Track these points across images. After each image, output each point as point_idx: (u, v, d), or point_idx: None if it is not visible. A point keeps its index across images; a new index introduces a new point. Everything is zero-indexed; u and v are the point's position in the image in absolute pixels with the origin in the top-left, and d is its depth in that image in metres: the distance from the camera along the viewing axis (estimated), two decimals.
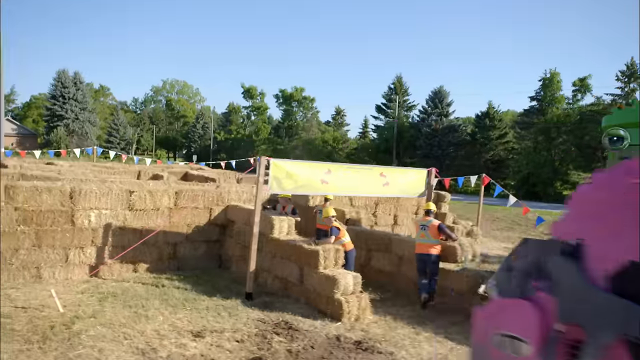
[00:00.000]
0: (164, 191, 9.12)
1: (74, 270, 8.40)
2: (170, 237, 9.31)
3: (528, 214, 15.52)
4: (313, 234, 10.28)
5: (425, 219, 8.93)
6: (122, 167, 17.87)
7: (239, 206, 9.73)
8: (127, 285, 8.22)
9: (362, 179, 9.06)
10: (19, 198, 7.81)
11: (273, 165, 8.07)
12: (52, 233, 8.11)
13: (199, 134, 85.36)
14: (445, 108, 52.84)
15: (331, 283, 7.49)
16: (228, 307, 7.54)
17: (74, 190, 8.22)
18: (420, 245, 8.81)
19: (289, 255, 8.36)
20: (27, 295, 7.28)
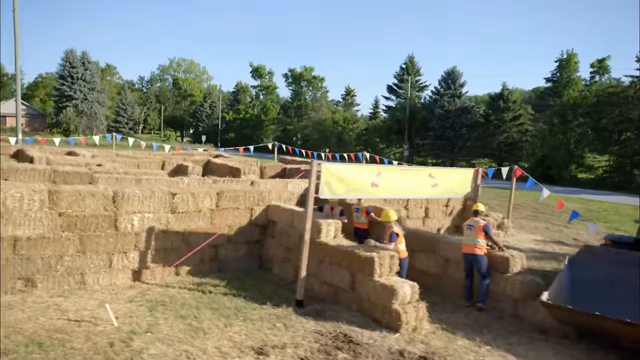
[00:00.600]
0: (206, 193, 8.84)
1: (118, 275, 8.18)
2: (213, 239, 9.04)
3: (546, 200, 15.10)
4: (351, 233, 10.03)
5: (472, 219, 8.79)
6: (145, 157, 17.55)
7: (280, 206, 9.45)
8: (173, 292, 8.00)
9: (412, 181, 8.78)
10: (63, 203, 7.54)
11: (324, 170, 7.76)
12: (96, 238, 7.86)
13: (206, 113, 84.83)
14: (458, 89, 52.08)
15: (388, 293, 7.25)
16: (281, 317, 7.32)
17: (117, 194, 7.94)
18: (466, 245, 8.66)
19: (339, 261, 8.10)
20: (76, 305, 7.06)
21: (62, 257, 7.64)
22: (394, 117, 55.19)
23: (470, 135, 49.50)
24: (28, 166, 10.81)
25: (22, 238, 7.29)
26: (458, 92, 51.83)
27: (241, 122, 74.32)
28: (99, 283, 8.01)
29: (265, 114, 72.73)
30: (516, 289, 8.32)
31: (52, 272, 7.59)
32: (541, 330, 7.80)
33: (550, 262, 12.40)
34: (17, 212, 7.22)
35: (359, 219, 10.22)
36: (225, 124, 79.25)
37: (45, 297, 7.36)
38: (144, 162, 15.92)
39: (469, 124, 49.58)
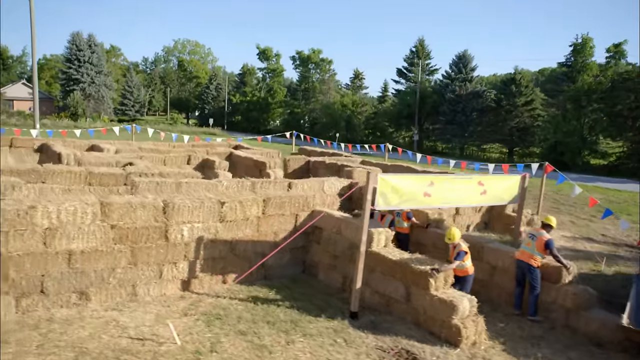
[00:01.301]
0: (253, 200, 8.70)
1: (167, 285, 8.10)
2: (259, 246, 8.95)
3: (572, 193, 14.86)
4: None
5: (537, 229, 8.65)
6: (168, 150, 17.40)
7: (326, 212, 9.31)
8: (225, 303, 7.92)
9: (462, 190, 8.64)
10: (114, 215, 7.41)
11: (381, 181, 7.61)
12: (146, 250, 7.75)
13: (212, 96, 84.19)
14: (469, 73, 51.46)
15: (448, 308, 7.16)
16: (339, 331, 7.25)
17: (167, 205, 7.80)
18: (523, 252, 8.54)
19: (392, 272, 8.00)
20: (134, 321, 6.98)
21: (115, 270, 7.55)
22: (404, 102, 54.68)
23: (481, 120, 49.04)
24: (64, 168, 10.68)
25: (76, 252, 7.19)
26: (469, 76, 51.22)
27: (248, 104, 73.75)
28: (150, 294, 7.93)
29: (272, 97, 72.11)
30: (568, 299, 8.23)
31: (104, 285, 7.51)
32: (597, 343, 7.74)
33: (587, 263, 12.28)
34: (71, 225, 7.10)
35: (400, 224, 10.10)
36: (232, 106, 78.70)
37: (100, 310, 7.29)
38: (169, 158, 15.76)
39: (480, 108, 49.08)
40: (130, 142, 19.94)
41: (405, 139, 58.13)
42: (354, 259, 8.73)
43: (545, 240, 8.30)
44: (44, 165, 10.63)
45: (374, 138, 60.85)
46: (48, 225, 6.94)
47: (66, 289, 7.22)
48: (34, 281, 6.98)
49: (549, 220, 8.69)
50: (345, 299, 8.61)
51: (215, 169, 15.42)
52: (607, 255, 12.91)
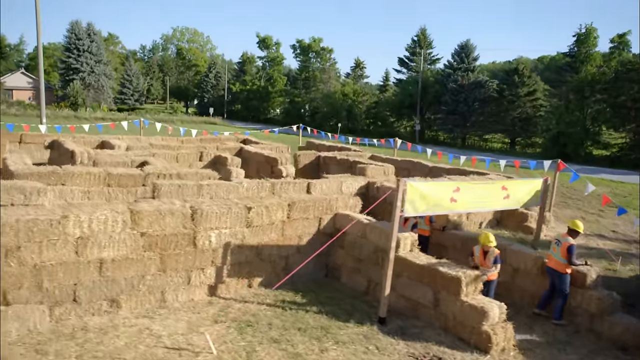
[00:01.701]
0: (278, 204, 8.71)
1: (195, 291, 8.13)
2: (283, 250, 8.98)
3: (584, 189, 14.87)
4: None
5: (564, 235, 8.68)
6: (179, 146, 17.35)
7: (350, 215, 9.33)
8: (253, 309, 7.96)
9: (486, 195, 8.67)
10: (144, 223, 7.41)
11: (410, 188, 7.62)
12: (175, 256, 7.77)
13: (211, 84, 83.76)
14: (471, 63, 51.26)
15: (478, 314, 7.22)
16: (369, 337, 7.31)
17: (196, 212, 7.81)
18: (551, 259, 8.63)
19: (420, 277, 8.04)
20: (167, 329, 7.01)
21: (144, 277, 7.57)
22: (405, 91, 54.49)
23: (483, 110, 48.98)
24: (83, 170, 10.64)
25: (107, 260, 7.20)
26: (472, 65, 51.03)
27: (248, 93, 73.41)
28: (178, 300, 7.97)
29: (273, 86, 71.76)
30: (593, 304, 8.30)
31: (134, 292, 7.53)
32: (622, 347, 7.83)
33: (601, 262, 12.34)
34: (102, 234, 7.10)
35: (421, 226, 10.13)
36: (231, 95, 78.35)
37: (132, 318, 7.32)
38: (181, 155, 15.70)
39: (482, 98, 48.99)
40: (139, 137, 19.86)
41: (406, 129, 58.03)
42: (379, 262, 8.80)
43: (568, 245, 8.36)
44: (63, 167, 10.59)
45: (375, 127, 60.79)
46: (80, 235, 6.94)
47: (97, 297, 7.24)
48: (67, 290, 7.00)
49: (575, 225, 8.71)
50: (370, 303, 8.68)
51: (227, 165, 15.40)
52: (620, 254, 13.00)
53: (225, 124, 62.11)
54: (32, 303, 6.75)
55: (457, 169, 16.44)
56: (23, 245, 6.54)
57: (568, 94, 41.65)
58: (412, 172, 17.65)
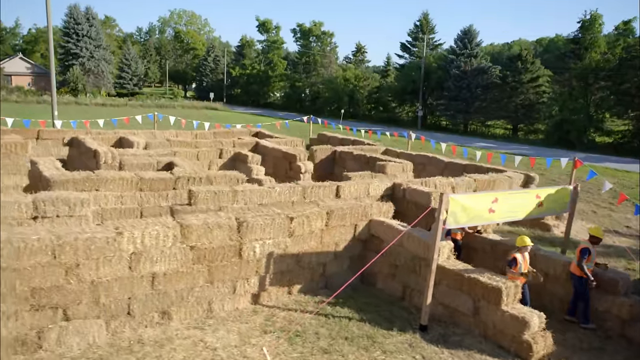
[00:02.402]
0: (318, 213, 8.87)
1: (240, 300, 8.33)
2: (321, 257, 9.17)
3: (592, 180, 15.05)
4: None
5: (583, 238, 8.92)
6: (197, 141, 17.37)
7: (385, 222, 9.50)
8: (297, 317, 8.17)
9: (522, 204, 8.87)
10: (193, 237, 7.56)
11: (452, 201, 7.79)
12: (222, 268, 7.94)
13: (210, 68, 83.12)
14: (474, 48, 51.09)
15: (519, 324, 7.46)
16: (414, 346, 7.55)
17: (241, 224, 7.95)
18: (572, 263, 8.82)
19: (459, 286, 8.26)
20: (220, 341, 7.22)
21: (193, 289, 7.75)
22: (408, 77, 54.36)
23: (486, 96, 49.01)
24: (116, 175, 10.73)
25: (159, 274, 7.36)
26: (474, 51, 50.87)
27: (248, 77, 72.98)
28: (224, 309, 8.16)
29: (273, 70, 71.33)
30: (624, 310, 8.54)
31: (184, 303, 7.72)
32: None
33: (620, 260, 12.59)
34: (154, 249, 7.25)
35: (455, 230, 10.25)
36: (231, 79, 77.86)
37: (183, 329, 7.52)
38: (202, 152, 15.78)
39: (484, 84, 48.98)
40: (153, 131, 19.91)
41: (408, 114, 58.07)
42: (416, 270, 9.02)
43: (580, 247, 8.61)
44: (96, 173, 10.67)
45: (377, 113, 60.79)
46: (133, 250, 7.09)
47: (150, 310, 7.43)
48: (122, 304, 7.17)
49: (596, 233, 8.95)
50: (408, 309, 8.91)
51: (248, 163, 15.50)
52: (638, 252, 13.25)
53: (227, 109, 61.89)
54: (90, 318, 6.93)
55: (474, 165, 16.58)
56: (82, 263, 6.68)
57: (572, 81, 41.72)
58: (428, 167, 17.83)
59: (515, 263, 8.32)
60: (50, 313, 6.61)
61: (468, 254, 10.44)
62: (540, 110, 45.90)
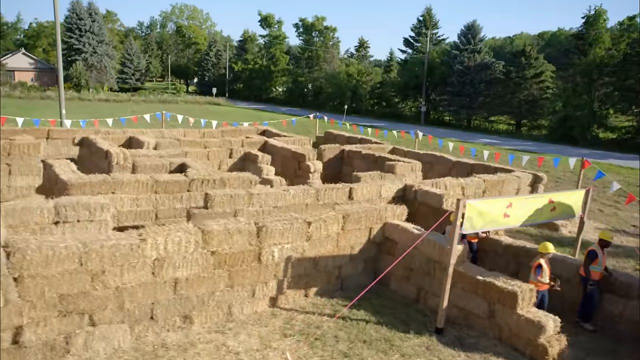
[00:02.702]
0: (334, 217, 8.99)
1: (258, 303, 8.46)
2: (337, 260, 9.30)
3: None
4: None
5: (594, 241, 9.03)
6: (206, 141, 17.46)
7: (400, 225, 9.62)
8: (315, 320, 8.31)
9: (536, 208, 8.95)
10: (214, 242, 7.68)
11: (469, 206, 7.90)
12: (242, 272, 8.07)
13: (212, 62, 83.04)
14: (477, 44, 51.02)
15: (535, 328, 7.59)
16: (432, 349, 7.68)
17: (261, 229, 8.07)
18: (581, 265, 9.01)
19: (474, 289, 8.39)
20: (242, 345, 7.36)
21: (214, 293, 7.88)
22: (411, 72, 54.33)
23: (489, 91, 49.00)
24: (132, 178, 10.85)
25: (181, 279, 7.49)
26: (478, 47, 50.82)
27: (250, 72, 72.93)
28: (243, 312, 8.30)
29: (275, 65, 71.28)
30: (636, 313, 8.68)
31: (205, 307, 7.85)
32: None
33: (629, 261, 12.72)
34: (177, 255, 7.37)
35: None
36: (233, 74, 77.80)
37: (204, 332, 7.66)
38: (212, 152, 15.89)
39: (488, 80, 48.97)
40: (162, 130, 20.02)
41: (411, 110, 58.08)
42: (431, 272, 9.15)
43: (588, 250, 8.77)
44: (112, 176, 10.78)
45: (380, 108, 60.80)
46: (157, 256, 7.21)
47: (172, 314, 7.56)
48: (145, 309, 7.30)
49: (605, 236, 9.07)
50: (422, 311, 9.05)
51: (258, 163, 15.61)
52: None
53: (229, 104, 61.91)
54: (115, 323, 7.06)
55: (482, 165, 16.69)
56: (107, 270, 6.81)
57: (576, 77, 41.71)
58: (435, 166, 17.93)
59: (541, 270, 8.39)
60: (77, 318, 6.74)
61: (480, 256, 10.58)
62: (543, 106, 45.90)
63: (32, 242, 6.35)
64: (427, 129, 46.37)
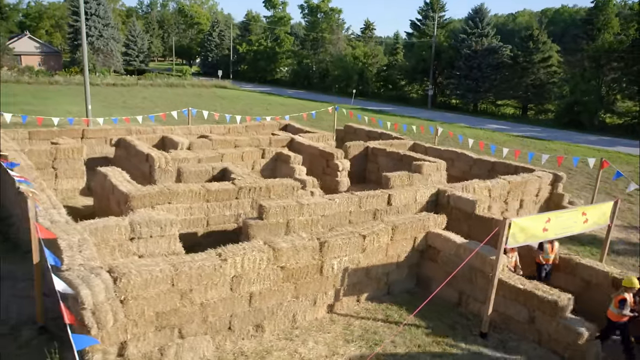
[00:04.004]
0: (385, 230, 9.73)
1: (318, 311, 9.26)
2: (386, 267, 10.08)
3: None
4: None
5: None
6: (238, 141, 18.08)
7: (442, 235, 10.38)
8: (371, 325, 9.12)
9: (570, 221, 9.68)
10: (283, 258, 8.42)
11: (513, 224, 8.64)
12: (306, 284, 8.84)
13: (215, 43, 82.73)
14: (485, 28, 51.09)
15: (573, 334, 8.41)
16: (480, 352, 8.51)
17: (323, 245, 8.81)
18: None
19: (515, 297, 9.17)
20: (312, 352, 8.16)
21: (282, 304, 8.66)
22: (418, 56, 54.49)
23: (496, 76, 49.32)
24: (186, 188, 11.51)
25: (255, 293, 8.26)
26: (485, 30, 50.90)
27: (255, 53, 72.82)
28: (306, 319, 9.10)
29: (280, 46, 71.16)
30: None
31: (274, 317, 8.64)
32: None
33: None
34: (252, 271, 8.12)
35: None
36: (237, 55, 77.64)
37: (274, 339, 8.47)
38: (246, 153, 16.47)
39: (495, 64, 49.24)
40: (189, 126, 20.60)
41: (418, 93, 58.39)
42: (472, 279, 9.93)
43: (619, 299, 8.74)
44: (167, 187, 11.44)
45: (386, 91, 61.08)
46: (235, 274, 7.95)
47: (247, 324, 8.35)
48: (224, 320, 8.09)
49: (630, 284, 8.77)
50: (465, 315, 9.86)
51: (290, 163, 16.25)
52: None
53: (236, 87, 62.06)
54: (200, 334, 7.85)
55: (503, 163, 17.34)
56: (194, 288, 7.56)
57: (584, 62, 42.04)
58: (456, 163, 18.61)
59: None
60: (169, 332, 7.52)
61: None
62: (550, 91, 46.30)
63: (132, 268, 7.08)
64: (435, 114, 46.93)
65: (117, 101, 41.59)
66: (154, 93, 50.30)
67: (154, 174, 14.47)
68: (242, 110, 39.69)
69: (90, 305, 6.52)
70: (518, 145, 31.84)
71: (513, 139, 34.33)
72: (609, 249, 11.91)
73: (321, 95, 58.00)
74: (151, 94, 48.89)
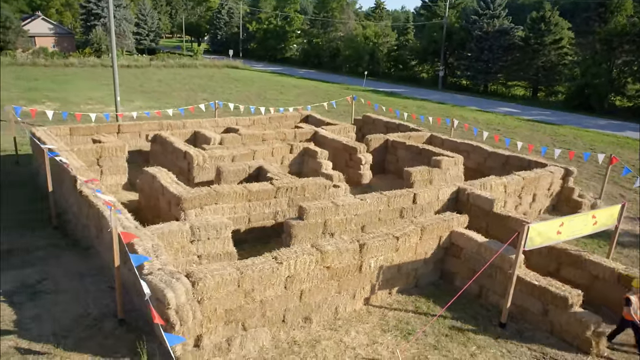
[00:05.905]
0: (414, 230, 10.88)
1: (356, 303, 10.49)
2: (415, 264, 11.26)
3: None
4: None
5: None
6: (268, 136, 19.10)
7: (465, 234, 11.53)
8: (404, 317, 10.37)
9: (582, 224, 10.78)
10: (329, 260, 9.60)
11: (531, 229, 9.76)
12: (347, 281, 10.05)
13: (224, 21, 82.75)
14: (496, 9, 51.16)
15: (583, 326, 9.60)
16: (500, 341, 9.73)
17: (363, 246, 9.99)
18: None
19: (530, 291, 10.35)
20: (354, 341, 9.40)
21: (327, 298, 9.89)
22: (429, 37, 54.74)
23: (507, 57, 49.67)
24: (230, 190, 12.63)
25: (305, 290, 9.48)
26: (497, 12, 50.98)
27: (264, 32, 73.00)
28: (345, 311, 10.34)
29: (290, 25, 71.29)
30: None
31: (320, 310, 9.88)
32: None
33: None
34: (303, 272, 9.32)
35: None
36: (246, 33, 77.79)
37: (320, 330, 9.72)
38: (276, 149, 17.54)
39: (506, 45, 49.53)
40: (216, 119, 21.62)
41: (429, 73, 58.79)
42: (492, 274, 11.09)
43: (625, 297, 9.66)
44: (214, 188, 12.58)
45: (397, 71, 61.48)
46: (288, 274, 9.15)
47: (297, 317, 9.60)
48: (279, 314, 9.33)
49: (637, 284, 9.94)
50: (485, 306, 11.06)
51: (317, 158, 17.33)
52: None
53: (247, 67, 62.65)
54: (259, 327, 9.11)
55: (517, 157, 18.30)
56: (255, 288, 8.78)
57: (595, 45, 42.37)
58: (472, 155, 19.61)
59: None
60: (234, 326, 8.77)
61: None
62: (561, 73, 46.70)
63: (207, 273, 8.29)
64: (445, 95, 47.59)
65: (134, 84, 42.46)
66: (167, 75, 51.08)
67: (193, 171, 15.63)
68: (257, 93, 40.54)
69: (174, 305, 7.74)
70: (528, 130, 32.70)
71: (524, 123, 35.13)
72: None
73: (332, 75, 58.58)
74: (165, 76, 49.69)
